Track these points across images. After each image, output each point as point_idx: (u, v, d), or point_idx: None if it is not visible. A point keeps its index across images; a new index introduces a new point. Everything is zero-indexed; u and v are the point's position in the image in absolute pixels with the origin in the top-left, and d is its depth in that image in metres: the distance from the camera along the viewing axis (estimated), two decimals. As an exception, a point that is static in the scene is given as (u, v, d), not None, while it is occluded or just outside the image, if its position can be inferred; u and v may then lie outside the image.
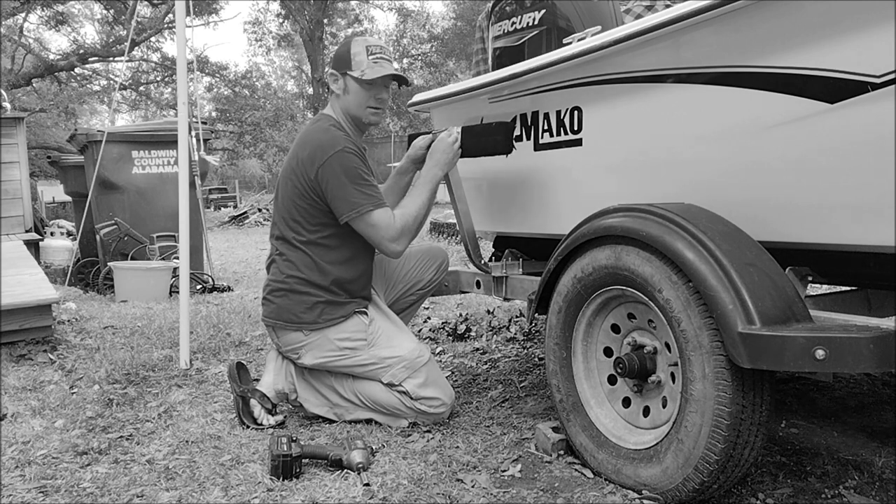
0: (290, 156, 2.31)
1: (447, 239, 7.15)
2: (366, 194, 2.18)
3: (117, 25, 19.57)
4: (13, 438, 2.16)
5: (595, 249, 1.78)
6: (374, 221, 2.18)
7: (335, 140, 2.20)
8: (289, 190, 2.26)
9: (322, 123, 2.30)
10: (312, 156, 2.19)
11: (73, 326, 3.59)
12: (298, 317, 2.24)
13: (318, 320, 2.24)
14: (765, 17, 1.54)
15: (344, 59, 2.28)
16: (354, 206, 2.16)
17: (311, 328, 2.24)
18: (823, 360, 1.32)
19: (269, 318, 2.32)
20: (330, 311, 2.24)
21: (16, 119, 6.56)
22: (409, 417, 2.25)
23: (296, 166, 2.23)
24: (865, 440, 2.03)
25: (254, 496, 1.76)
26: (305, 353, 2.26)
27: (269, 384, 2.34)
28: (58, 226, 8.29)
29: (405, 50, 26.88)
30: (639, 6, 2.80)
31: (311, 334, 2.24)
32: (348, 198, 2.16)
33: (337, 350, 2.24)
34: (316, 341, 2.25)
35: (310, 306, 2.24)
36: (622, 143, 1.97)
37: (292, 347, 2.28)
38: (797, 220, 1.59)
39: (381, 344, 2.26)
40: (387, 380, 2.22)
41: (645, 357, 1.76)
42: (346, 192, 2.16)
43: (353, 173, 2.17)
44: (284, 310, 2.27)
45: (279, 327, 2.29)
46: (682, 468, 1.57)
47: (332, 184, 2.16)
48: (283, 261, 2.29)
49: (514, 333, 3.39)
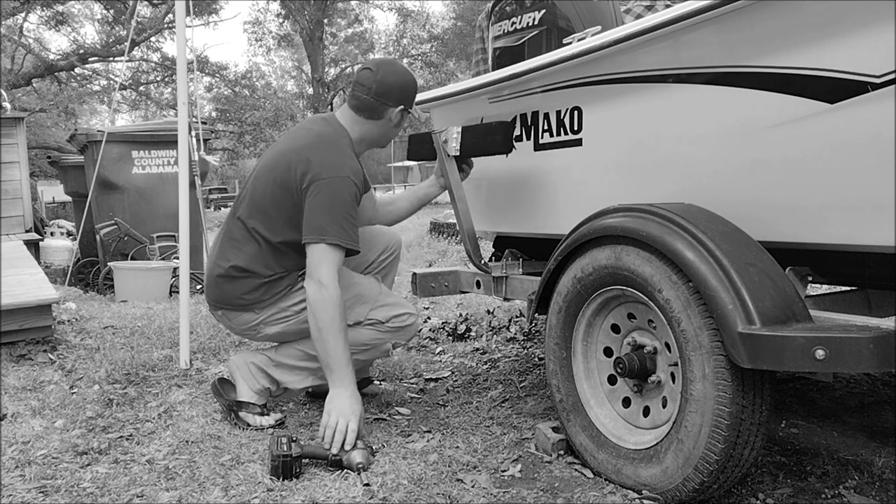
0: (291, 147, 2.20)
1: (447, 239, 7.15)
2: (341, 227, 2.06)
3: (117, 25, 19.58)
4: (13, 438, 2.16)
5: (595, 249, 1.78)
6: (325, 254, 2.04)
7: (344, 164, 2.12)
8: (276, 181, 2.16)
9: (339, 138, 2.20)
10: (315, 168, 2.10)
11: (73, 326, 3.59)
12: (244, 299, 2.21)
13: (263, 298, 2.20)
14: (765, 17, 1.54)
15: (408, 94, 2.23)
16: (323, 233, 2.04)
17: (260, 306, 2.21)
18: (823, 360, 1.32)
19: (217, 303, 2.27)
20: (274, 287, 2.21)
21: (16, 119, 6.56)
22: (388, 341, 2.25)
23: (294, 164, 2.13)
24: (865, 440, 2.03)
25: (254, 496, 1.76)
26: (264, 327, 2.24)
27: (246, 391, 2.29)
28: (58, 226, 8.29)
29: (405, 50, 26.89)
30: (639, 6, 2.80)
31: (263, 310, 2.22)
32: (319, 223, 2.05)
33: (294, 314, 2.21)
34: (271, 315, 2.22)
35: (253, 288, 2.20)
36: (622, 143, 1.97)
37: (248, 326, 2.26)
38: (797, 220, 1.59)
39: None
40: (352, 320, 2.17)
41: (645, 357, 1.76)
42: (320, 217, 2.06)
43: (345, 203, 2.08)
44: (229, 294, 2.23)
45: (228, 310, 2.26)
46: (682, 468, 1.57)
47: (315, 202, 2.07)
48: (231, 247, 2.23)
49: (514, 333, 3.39)
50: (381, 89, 2.18)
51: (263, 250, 2.20)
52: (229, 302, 2.25)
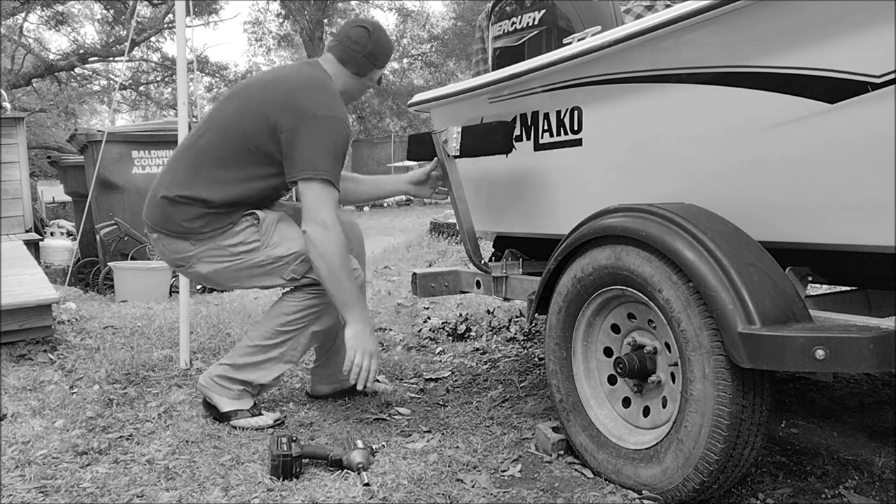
0: (277, 83, 2.20)
1: (447, 239, 7.14)
2: (334, 167, 2.08)
3: (117, 25, 19.57)
4: (13, 438, 2.16)
5: (595, 249, 1.78)
6: (323, 193, 2.05)
7: (339, 107, 2.15)
8: (255, 113, 2.13)
9: (330, 83, 2.22)
10: (309, 105, 2.08)
11: (73, 326, 3.59)
12: (182, 225, 2.15)
13: (202, 230, 2.15)
14: (765, 17, 1.54)
15: (386, 54, 2.33)
16: (318, 169, 2.04)
17: (197, 238, 2.16)
18: (823, 360, 1.32)
19: (154, 224, 2.20)
20: (216, 220, 2.16)
21: (16, 119, 6.57)
22: None
23: (283, 99, 2.11)
24: (865, 440, 2.03)
25: (254, 496, 1.76)
26: (196, 262, 2.19)
27: (226, 403, 2.25)
28: (58, 226, 8.30)
29: (405, 50, 26.89)
30: (639, 6, 2.80)
31: (200, 244, 2.16)
32: (316, 159, 2.05)
33: (231, 256, 2.17)
34: (206, 250, 2.17)
35: (196, 216, 2.15)
36: (622, 143, 1.97)
37: (181, 257, 2.21)
38: (797, 220, 1.59)
39: (275, 242, 2.19)
40: (288, 276, 2.16)
41: (645, 357, 1.76)
42: (317, 154, 2.06)
43: (338, 145, 2.10)
44: (169, 217, 2.17)
45: (165, 235, 2.20)
46: (682, 468, 1.57)
47: (306, 139, 2.05)
48: (185, 173, 2.18)
49: (514, 333, 3.39)
50: (375, 50, 2.30)
51: (218, 182, 2.15)
52: (167, 226, 2.17)
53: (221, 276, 2.22)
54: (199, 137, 2.24)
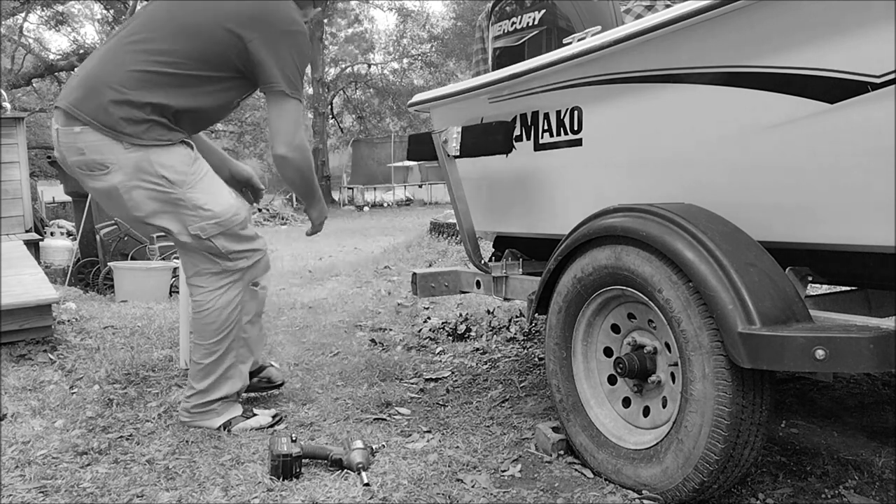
0: None
1: (447, 239, 7.14)
2: (301, 84, 2.12)
3: (117, 25, 19.58)
4: (13, 438, 2.16)
5: (595, 249, 1.78)
6: (293, 109, 2.08)
7: (302, 22, 2.13)
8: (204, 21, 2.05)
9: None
10: (273, 16, 2.05)
11: (73, 326, 3.59)
12: (123, 126, 1.98)
13: (143, 136, 2.00)
14: (765, 17, 1.54)
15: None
16: (292, 86, 2.06)
17: (133, 141, 1.99)
18: (823, 360, 1.32)
19: (86, 114, 1.99)
20: (160, 130, 2.03)
21: (16, 119, 6.56)
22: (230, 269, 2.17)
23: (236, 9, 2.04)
24: (865, 440, 2.03)
25: (254, 496, 1.76)
26: (117, 169, 2.00)
27: (217, 421, 2.22)
28: (58, 226, 8.30)
29: (405, 50, 26.89)
30: (639, 6, 2.80)
31: (132, 151, 1.99)
32: (291, 76, 2.05)
33: (154, 176, 2.02)
34: (133, 159, 2.00)
35: (141, 120, 2.00)
36: (622, 143, 1.97)
37: (101, 159, 2.00)
38: (797, 220, 1.59)
39: (200, 189, 2.09)
40: (193, 230, 2.08)
41: (645, 357, 1.76)
42: (292, 70, 2.06)
43: (302, 61, 2.10)
44: (109, 114, 1.98)
45: (94, 129, 1.99)
46: (682, 468, 1.57)
47: (283, 53, 2.03)
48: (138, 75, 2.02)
49: (514, 333, 3.39)
50: None
51: (176, 87, 2.05)
52: (103, 120, 1.98)
53: (128, 196, 2.04)
54: (143, 41, 2.07)
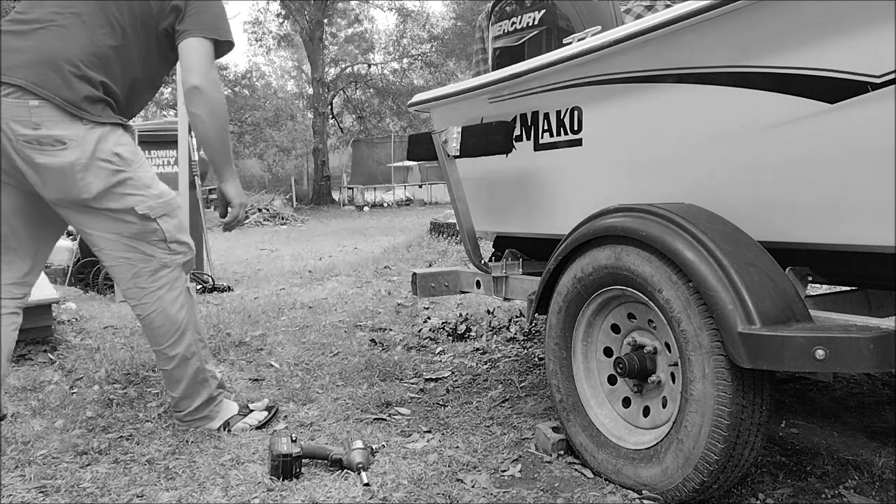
0: None
1: (447, 239, 7.14)
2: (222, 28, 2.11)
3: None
4: (13, 438, 2.16)
5: (595, 249, 1.78)
6: (212, 58, 2.08)
7: None
8: None
9: None
10: None
11: (73, 326, 3.59)
12: (83, 104, 1.95)
13: (101, 115, 1.99)
14: (765, 17, 1.54)
15: None
16: (216, 31, 2.08)
17: (93, 119, 1.97)
18: (823, 360, 1.32)
19: (46, 89, 1.91)
20: (110, 113, 2.04)
21: (16, 119, 6.55)
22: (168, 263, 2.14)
23: None
24: (865, 440, 2.03)
25: (254, 496, 1.76)
26: (75, 146, 1.95)
27: (216, 422, 2.23)
28: (58, 226, 8.27)
29: (405, 50, 26.89)
30: (639, 6, 2.80)
31: (95, 128, 1.97)
32: (220, 26, 2.10)
33: (108, 155, 1.99)
34: (94, 137, 1.97)
35: (94, 100, 1.99)
36: (622, 143, 1.97)
37: (60, 135, 1.93)
38: (797, 220, 1.59)
39: (144, 168, 2.10)
40: (142, 210, 2.06)
41: (645, 357, 1.76)
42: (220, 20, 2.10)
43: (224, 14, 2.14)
44: (73, 89, 1.94)
45: (55, 106, 1.92)
46: (682, 468, 1.57)
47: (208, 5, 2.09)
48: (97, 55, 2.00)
49: (514, 333, 3.39)
50: None
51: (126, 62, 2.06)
52: (65, 96, 1.93)
53: (82, 175, 1.98)
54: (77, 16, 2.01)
